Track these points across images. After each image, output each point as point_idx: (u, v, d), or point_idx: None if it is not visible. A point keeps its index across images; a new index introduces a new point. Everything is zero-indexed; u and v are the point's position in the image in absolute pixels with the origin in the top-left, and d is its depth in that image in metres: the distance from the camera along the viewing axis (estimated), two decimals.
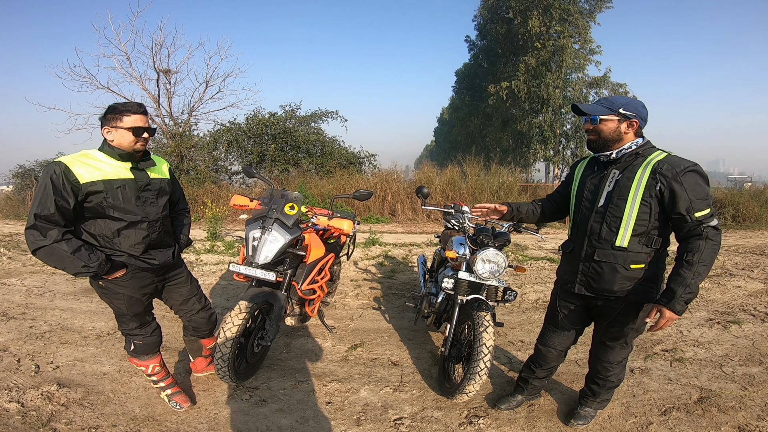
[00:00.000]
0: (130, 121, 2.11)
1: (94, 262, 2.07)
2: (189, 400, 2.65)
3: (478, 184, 11.42)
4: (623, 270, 2.07)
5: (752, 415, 2.56)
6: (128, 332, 2.46)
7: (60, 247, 2.01)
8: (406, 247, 7.52)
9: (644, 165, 2.00)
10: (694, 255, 1.91)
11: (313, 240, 3.21)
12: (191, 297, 2.65)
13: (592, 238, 2.13)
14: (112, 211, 2.14)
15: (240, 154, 14.19)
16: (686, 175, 1.91)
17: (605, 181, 2.11)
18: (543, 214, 2.60)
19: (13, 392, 2.73)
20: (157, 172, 2.37)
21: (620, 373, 2.40)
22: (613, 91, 26.30)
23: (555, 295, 2.49)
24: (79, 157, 2.10)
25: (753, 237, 9.07)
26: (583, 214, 2.19)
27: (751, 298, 4.71)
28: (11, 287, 5.14)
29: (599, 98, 2.13)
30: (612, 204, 2.06)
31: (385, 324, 4.07)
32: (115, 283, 2.25)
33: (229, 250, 7.15)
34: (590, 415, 2.51)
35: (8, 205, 14.01)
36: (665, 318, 1.96)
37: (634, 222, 2.01)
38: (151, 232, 2.28)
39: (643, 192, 1.98)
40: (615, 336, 2.28)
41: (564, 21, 25.73)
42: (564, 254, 2.38)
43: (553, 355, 2.53)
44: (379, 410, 2.66)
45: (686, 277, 1.91)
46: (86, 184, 2.05)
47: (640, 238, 2.03)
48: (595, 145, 2.12)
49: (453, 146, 34.93)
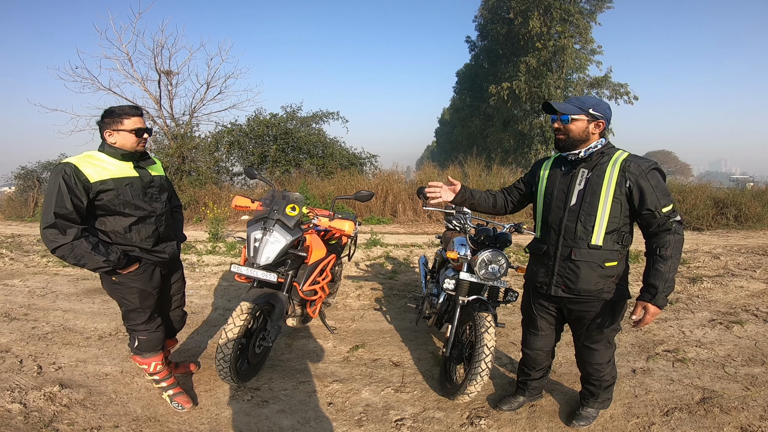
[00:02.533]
0: (130, 124, 2.23)
1: (113, 257, 2.20)
2: (191, 401, 2.66)
3: (479, 185, 11.42)
4: (599, 268, 2.10)
5: (755, 416, 2.56)
6: (133, 328, 2.50)
7: (80, 245, 2.11)
8: (408, 248, 7.52)
9: (612, 163, 2.06)
10: (666, 249, 1.98)
11: (314, 241, 3.21)
12: (178, 293, 2.79)
13: (567, 238, 2.13)
14: (123, 207, 2.25)
15: (241, 155, 14.22)
16: (651, 173, 2.00)
17: (575, 180, 2.13)
18: (494, 205, 2.56)
19: (15, 393, 2.74)
20: (157, 170, 2.52)
21: (612, 370, 2.41)
22: (614, 91, 26.32)
23: (527, 299, 2.49)
24: (85, 158, 2.20)
25: (755, 237, 9.05)
26: (555, 214, 2.19)
27: (753, 299, 4.69)
28: (14, 288, 5.15)
29: (569, 99, 2.16)
30: (585, 202, 2.08)
31: (387, 325, 4.07)
32: (128, 278, 2.35)
33: (231, 251, 7.16)
34: (592, 415, 2.50)
35: (10, 206, 14.05)
36: (650, 314, 1.99)
37: (607, 219, 2.04)
38: (159, 225, 2.43)
39: (614, 189, 2.03)
40: (596, 338, 2.27)
41: (565, 21, 25.74)
42: (534, 256, 2.35)
43: (542, 357, 2.53)
44: (380, 411, 2.66)
45: (664, 272, 1.97)
46: (96, 183, 2.16)
47: (612, 236, 2.08)
48: (564, 144, 2.14)
49: (454, 147, 34.94)
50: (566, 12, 25.48)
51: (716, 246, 7.78)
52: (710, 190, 11.58)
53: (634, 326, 2.06)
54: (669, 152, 57.73)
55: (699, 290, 4.98)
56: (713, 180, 15.90)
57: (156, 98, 13.87)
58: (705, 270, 5.93)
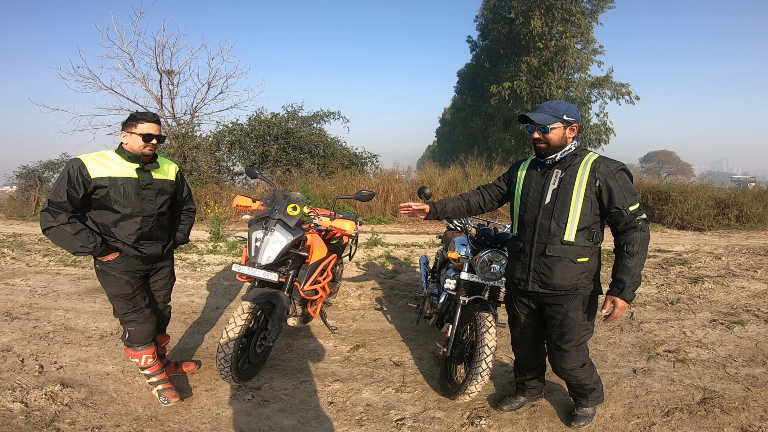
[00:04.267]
0: (143, 128, 2.41)
1: (90, 244, 2.37)
2: (177, 395, 2.68)
3: (480, 185, 11.40)
4: (572, 264, 2.18)
5: (755, 416, 2.55)
6: (123, 318, 2.60)
7: (65, 229, 2.33)
8: (408, 248, 7.53)
9: (583, 164, 2.17)
10: (633, 246, 2.09)
11: (315, 240, 3.22)
12: (164, 290, 2.85)
13: (542, 234, 2.22)
14: (113, 203, 2.43)
15: (242, 155, 14.24)
16: (618, 174, 2.12)
17: (549, 180, 2.23)
18: (469, 208, 2.65)
19: (16, 392, 2.75)
20: (161, 174, 2.63)
21: (591, 374, 2.40)
22: (615, 91, 26.29)
23: (510, 298, 2.52)
24: (96, 156, 2.43)
25: (757, 237, 9.03)
26: (531, 212, 2.28)
27: (754, 299, 4.68)
28: (15, 287, 5.16)
29: (542, 107, 2.22)
30: (558, 201, 2.18)
31: (387, 324, 4.07)
32: (108, 266, 2.51)
33: (232, 250, 7.17)
34: (589, 414, 2.49)
35: (12, 205, 14.06)
36: (618, 307, 2.10)
37: (579, 217, 2.14)
38: (143, 225, 2.54)
39: (585, 188, 2.13)
40: (567, 337, 2.27)
41: (566, 21, 25.68)
42: (512, 254, 2.44)
43: (532, 355, 2.55)
44: (381, 411, 2.66)
45: (630, 267, 2.08)
46: (95, 179, 2.37)
47: (584, 233, 2.17)
48: (545, 152, 2.22)
49: (455, 146, 34.92)
50: (568, 12, 25.42)
51: (717, 246, 7.77)
52: (712, 190, 11.57)
53: (605, 320, 2.15)
54: (670, 152, 57.50)
55: (700, 290, 4.97)
56: (715, 180, 15.89)
57: (157, 98, 13.90)
58: (706, 270, 5.92)
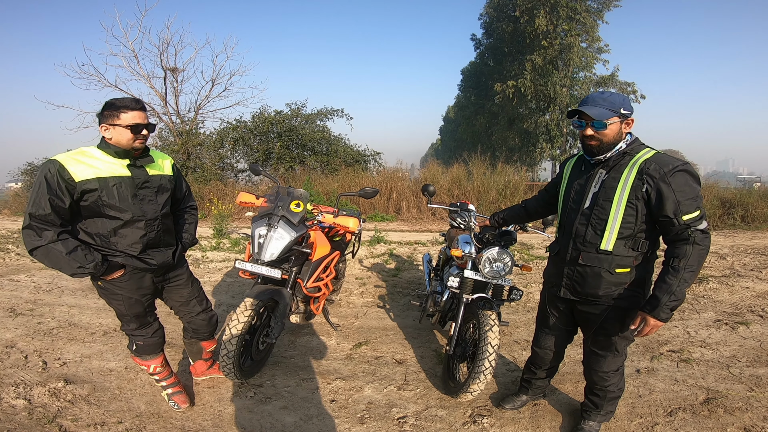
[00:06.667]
0: (128, 119, 2.03)
1: (90, 263, 2.02)
2: (188, 401, 2.64)
3: (483, 183, 11.39)
4: (608, 274, 2.00)
5: (758, 417, 2.54)
6: (130, 332, 2.43)
7: (55, 248, 1.96)
8: (411, 246, 7.52)
9: (631, 164, 1.92)
10: (680, 261, 1.83)
11: (318, 237, 3.21)
12: (192, 299, 2.59)
13: (577, 241, 2.07)
14: (107, 209, 2.07)
15: (246, 152, 14.27)
16: (675, 175, 1.83)
17: (591, 182, 2.04)
18: (528, 215, 2.66)
19: (20, 388, 2.76)
20: (157, 169, 2.28)
21: (619, 382, 2.29)
22: (620, 90, 26.13)
23: (544, 297, 2.47)
24: (75, 155, 2.04)
25: (762, 237, 8.97)
26: (569, 216, 2.13)
27: (759, 299, 4.65)
28: (19, 283, 5.19)
29: (594, 99, 1.95)
30: (597, 206, 1.99)
31: (390, 322, 4.07)
32: (113, 284, 2.20)
33: (235, 247, 7.19)
34: (594, 429, 2.41)
35: (17, 202, 14.17)
36: (649, 326, 1.91)
37: (619, 225, 1.93)
38: (148, 231, 2.21)
39: (629, 193, 1.90)
40: (603, 345, 2.19)
41: (571, 19, 25.56)
42: (550, 256, 2.33)
43: (550, 356, 2.50)
44: (383, 408, 2.66)
45: (671, 284, 1.84)
46: (81, 182, 1.99)
47: (626, 242, 1.96)
48: (598, 150, 1.98)
49: (459, 145, 34.85)
50: (573, 10, 25.30)
51: (722, 246, 7.72)
52: (717, 189, 11.50)
53: (635, 336, 2.01)
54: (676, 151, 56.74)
55: (705, 290, 4.94)
56: (720, 180, 15.78)
57: (162, 95, 13.94)
58: (711, 270, 5.88)
